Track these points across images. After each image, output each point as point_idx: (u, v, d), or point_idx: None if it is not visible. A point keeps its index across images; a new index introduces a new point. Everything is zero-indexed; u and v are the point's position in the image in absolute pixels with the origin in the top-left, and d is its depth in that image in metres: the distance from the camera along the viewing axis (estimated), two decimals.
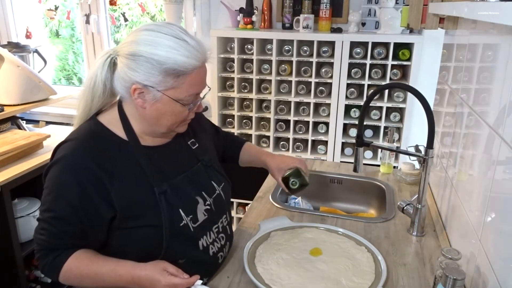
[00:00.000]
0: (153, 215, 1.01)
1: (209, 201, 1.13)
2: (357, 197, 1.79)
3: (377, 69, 2.37)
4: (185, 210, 1.06)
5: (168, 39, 0.96)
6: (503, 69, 0.92)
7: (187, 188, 1.09)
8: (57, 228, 0.98)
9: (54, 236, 0.99)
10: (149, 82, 0.96)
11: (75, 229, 0.99)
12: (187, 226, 1.05)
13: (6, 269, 1.96)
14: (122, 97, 1.05)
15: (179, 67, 0.95)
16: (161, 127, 1.04)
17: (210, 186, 1.16)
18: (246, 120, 2.66)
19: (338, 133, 2.51)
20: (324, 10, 2.43)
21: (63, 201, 0.97)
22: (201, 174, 1.15)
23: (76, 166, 0.97)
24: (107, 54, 1.02)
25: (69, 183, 0.97)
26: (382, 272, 1.13)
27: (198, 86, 1.02)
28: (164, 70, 0.95)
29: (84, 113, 1.07)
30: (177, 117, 1.03)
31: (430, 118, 1.25)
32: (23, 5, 3.20)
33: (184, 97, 1.00)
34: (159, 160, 1.07)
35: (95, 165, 0.97)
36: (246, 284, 1.12)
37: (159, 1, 3.05)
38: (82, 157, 0.98)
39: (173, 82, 0.97)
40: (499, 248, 0.86)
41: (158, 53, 0.94)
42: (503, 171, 0.87)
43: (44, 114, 3.20)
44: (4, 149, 1.94)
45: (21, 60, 2.42)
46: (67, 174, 0.97)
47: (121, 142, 1.03)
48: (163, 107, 1.00)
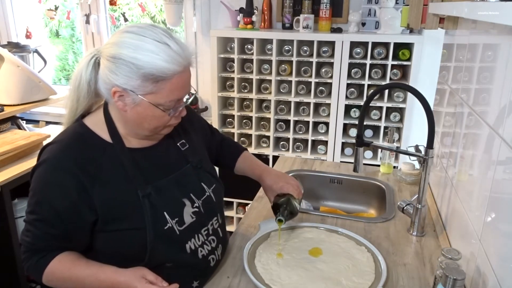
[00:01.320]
0: (137, 218, 0.99)
1: (198, 203, 1.10)
2: (357, 197, 1.79)
3: (377, 69, 2.37)
4: (170, 213, 1.03)
5: (150, 42, 0.93)
6: (503, 69, 0.92)
7: (174, 190, 1.07)
8: (41, 230, 0.98)
9: (38, 238, 0.98)
10: (128, 86, 0.94)
11: (58, 231, 0.98)
12: (172, 229, 1.03)
13: (6, 269, 1.96)
14: (106, 98, 1.03)
15: (158, 72, 0.93)
16: (143, 130, 1.03)
17: (199, 188, 1.13)
18: (246, 120, 2.66)
19: (338, 133, 2.51)
20: (324, 10, 2.43)
21: (46, 204, 0.97)
22: (189, 176, 1.12)
23: (58, 168, 0.97)
24: (91, 54, 1.00)
25: (52, 185, 0.97)
26: (382, 272, 1.13)
27: (179, 91, 0.98)
28: (142, 74, 0.93)
29: (71, 114, 1.06)
30: (159, 121, 1.01)
31: (430, 118, 1.25)
32: (23, 5, 3.20)
33: (164, 102, 0.97)
34: (144, 162, 1.05)
35: (78, 169, 0.96)
36: (246, 284, 1.12)
37: (159, 1, 3.05)
38: (65, 160, 0.97)
39: (152, 87, 0.94)
40: (499, 248, 0.86)
41: (138, 57, 0.92)
42: (503, 171, 0.87)
43: (44, 114, 3.20)
44: (4, 149, 1.94)
45: (21, 60, 2.42)
46: (50, 176, 0.97)
47: (106, 144, 1.02)
48: (143, 111, 0.98)
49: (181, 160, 1.13)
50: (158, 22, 3.28)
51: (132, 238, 1.00)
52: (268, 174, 1.33)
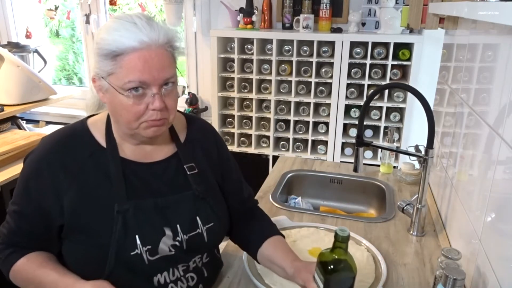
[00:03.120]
0: (104, 234, 0.90)
1: (181, 237, 0.96)
2: (357, 197, 1.79)
3: (377, 69, 2.37)
4: (142, 238, 0.92)
5: (116, 22, 0.87)
6: (503, 69, 0.92)
7: (157, 215, 0.95)
8: (16, 223, 0.96)
9: (12, 231, 0.96)
10: (97, 70, 0.89)
11: (29, 226, 0.95)
12: (140, 256, 0.91)
13: None
14: None
15: (113, 47, 0.85)
16: (120, 125, 0.93)
17: (191, 221, 0.98)
18: (246, 120, 2.66)
19: (338, 133, 2.51)
20: (324, 10, 2.43)
21: (24, 192, 0.95)
22: (184, 205, 0.98)
23: (41, 158, 0.94)
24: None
25: (32, 173, 0.94)
26: (382, 272, 1.13)
27: (140, 72, 0.85)
28: (101, 52, 0.86)
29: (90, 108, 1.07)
30: (129, 112, 0.88)
31: (430, 118, 1.25)
32: (23, 5, 3.20)
33: (123, 84, 0.86)
34: (133, 176, 0.96)
35: (59, 164, 0.93)
36: (246, 284, 1.12)
37: (159, 1, 3.05)
38: (50, 152, 0.95)
39: (111, 66, 0.86)
40: (499, 248, 0.86)
41: (100, 35, 0.87)
42: (503, 171, 0.87)
43: (44, 114, 3.20)
44: (4, 149, 1.94)
45: (21, 60, 2.42)
46: (32, 165, 0.95)
47: (97, 148, 0.95)
48: (112, 98, 0.89)
49: (183, 184, 1.00)
50: None
51: (92, 255, 0.92)
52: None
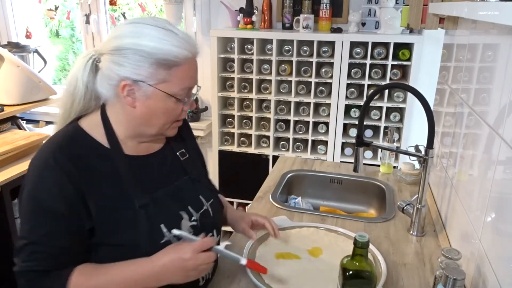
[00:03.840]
0: (130, 232, 0.92)
1: (196, 216, 1.02)
2: (357, 197, 1.79)
3: (377, 69, 2.37)
4: (167, 226, 0.95)
5: (155, 29, 0.89)
6: (503, 69, 0.92)
7: (171, 202, 1.00)
8: (48, 245, 0.88)
9: (46, 256, 0.88)
10: (139, 76, 0.89)
11: (63, 242, 0.89)
12: (169, 243, 0.94)
13: (6, 269, 1.96)
14: (107, 99, 0.96)
15: (171, 57, 0.88)
16: (152, 127, 0.96)
17: (198, 201, 1.06)
18: (246, 120, 2.66)
19: (338, 133, 2.51)
20: (324, 10, 2.43)
21: (46, 212, 0.88)
22: (188, 188, 1.05)
23: (52, 167, 0.88)
24: (88, 55, 0.95)
25: (47, 186, 0.88)
26: (382, 272, 1.13)
27: (191, 79, 0.94)
28: (155, 61, 0.88)
29: (64, 117, 0.99)
30: (170, 115, 0.95)
31: (430, 118, 1.25)
32: (23, 5, 3.20)
33: (178, 91, 0.92)
34: (142, 171, 0.98)
35: (73, 167, 0.89)
36: (246, 284, 1.12)
37: (159, 1, 3.05)
38: (59, 158, 0.89)
39: (165, 74, 0.90)
40: (499, 248, 0.86)
41: (147, 43, 0.88)
42: (503, 171, 0.87)
43: (44, 114, 3.20)
44: (4, 149, 1.94)
45: (21, 60, 2.42)
46: (44, 178, 0.88)
47: (101, 149, 0.95)
48: (155, 104, 0.92)
49: (180, 171, 1.06)
50: None
51: (125, 253, 0.91)
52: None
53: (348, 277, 0.92)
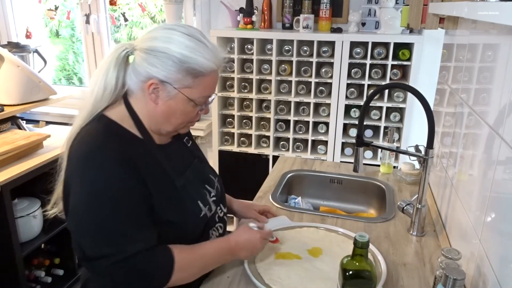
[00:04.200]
0: (178, 209, 1.04)
1: (213, 192, 1.18)
2: (357, 197, 1.79)
3: (377, 69, 2.37)
4: (203, 201, 1.11)
5: (190, 40, 0.98)
6: (503, 69, 0.92)
7: (197, 182, 1.14)
8: (136, 226, 0.95)
9: (141, 237, 0.95)
10: (167, 79, 0.97)
11: (146, 220, 0.97)
12: (205, 216, 1.10)
13: (6, 269, 1.96)
14: (131, 92, 1.04)
15: (199, 67, 0.98)
16: (169, 125, 1.05)
17: (210, 179, 1.21)
18: (246, 120, 2.66)
19: (338, 133, 2.51)
20: (324, 10, 2.43)
21: (123, 196, 0.94)
22: (199, 169, 1.20)
23: (110, 156, 0.94)
24: (122, 47, 1.01)
25: (114, 173, 0.94)
26: (382, 272, 1.13)
27: (211, 89, 1.04)
28: (184, 68, 0.97)
29: (93, 107, 1.03)
30: (186, 116, 1.04)
31: (430, 118, 1.25)
32: (23, 5, 3.20)
33: (198, 97, 1.02)
34: (169, 157, 1.09)
35: (125, 154, 0.96)
36: (246, 284, 1.12)
37: (159, 1, 3.05)
38: (112, 148, 0.96)
39: (191, 81, 0.99)
40: (499, 248, 0.86)
41: (181, 51, 0.96)
42: (503, 171, 0.87)
43: (44, 114, 3.20)
44: (4, 149, 1.94)
45: (21, 60, 2.42)
46: (107, 168, 0.94)
47: (136, 139, 1.03)
48: (175, 104, 1.01)
49: (190, 155, 1.20)
50: (158, 22, 3.28)
51: (173, 231, 1.03)
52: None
53: (348, 277, 0.92)
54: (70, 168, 0.98)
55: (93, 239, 0.94)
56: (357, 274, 0.92)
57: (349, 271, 0.92)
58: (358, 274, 0.92)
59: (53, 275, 2.30)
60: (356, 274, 0.92)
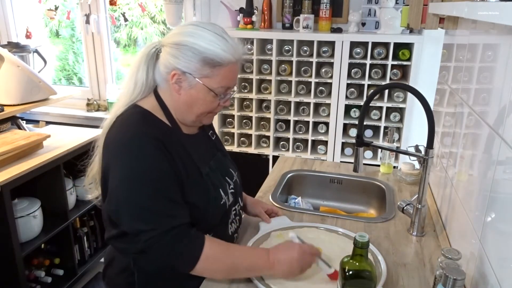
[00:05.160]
0: (202, 195, 1.11)
1: (232, 184, 1.24)
2: (357, 197, 1.79)
3: (377, 69, 2.37)
4: (223, 190, 1.18)
5: (210, 34, 1.06)
6: (503, 69, 0.92)
7: (218, 172, 1.21)
8: (172, 204, 1.03)
9: (175, 214, 1.03)
10: (188, 69, 1.05)
11: (180, 200, 1.05)
12: (225, 204, 1.17)
13: (6, 269, 1.96)
14: (160, 85, 1.13)
15: (217, 58, 1.05)
16: (192, 114, 1.12)
17: (230, 172, 1.28)
18: (246, 120, 2.66)
19: (338, 133, 2.51)
20: (324, 10, 2.43)
21: (161, 176, 1.02)
22: (221, 161, 1.27)
23: (149, 141, 1.03)
24: (153, 44, 1.11)
25: (151, 155, 1.02)
26: (382, 272, 1.13)
27: (230, 80, 1.10)
28: (203, 58, 1.04)
29: (126, 99, 1.12)
30: (207, 106, 1.11)
31: (430, 118, 1.25)
32: (23, 5, 3.20)
33: (217, 87, 1.08)
34: (196, 146, 1.17)
35: (161, 140, 1.04)
36: (246, 284, 1.12)
37: (159, 1, 3.04)
38: (150, 133, 1.04)
39: (209, 71, 1.06)
40: (499, 248, 0.86)
41: (200, 43, 1.04)
42: (503, 171, 0.87)
43: (44, 114, 3.20)
44: (4, 149, 1.94)
45: (21, 60, 2.42)
46: (147, 151, 1.02)
47: (166, 127, 1.11)
48: (196, 94, 1.08)
49: (213, 148, 1.28)
50: (158, 22, 3.28)
51: (195, 215, 1.08)
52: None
53: (348, 277, 0.92)
54: (108, 154, 1.07)
55: (132, 216, 1.02)
56: (357, 274, 0.92)
57: (349, 271, 0.92)
58: (358, 274, 0.92)
59: (53, 275, 2.30)
60: (356, 274, 0.92)
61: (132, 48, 3.37)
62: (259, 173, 2.30)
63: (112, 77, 3.22)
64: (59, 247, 2.36)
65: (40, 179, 2.08)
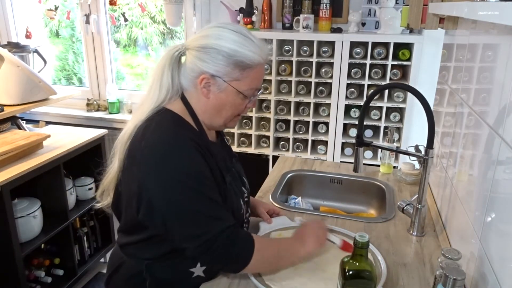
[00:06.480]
0: (227, 203, 1.09)
1: (246, 193, 1.25)
2: (357, 197, 1.79)
3: (377, 69, 2.37)
4: (242, 200, 1.18)
5: (237, 35, 1.04)
6: (503, 69, 0.92)
7: (237, 181, 1.21)
8: (212, 208, 1.01)
9: (223, 215, 1.03)
10: (217, 73, 1.04)
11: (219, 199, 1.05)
12: (243, 214, 1.18)
13: (6, 269, 1.96)
14: (187, 89, 1.10)
15: (247, 60, 1.03)
16: (220, 118, 1.10)
17: (244, 180, 1.27)
18: (246, 120, 2.66)
19: (338, 133, 2.51)
20: (324, 10, 2.43)
21: (204, 180, 1.01)
22: (238, 169, 1.26)
23: (187, 144, 1.01)
24: (175, 48, 1.08)
25: (192, 158, 1.01)
26: (382, 272, 1.13)
27: (258, 81, 1.10)
28: (233, 61, 1.03)
29: (152, 103, 1.08)
30: (236, 109, 1.10)
31: (430, 118, 1.25)
32: (23, 5, 3.20)
33: (246, 89, 1.07)
34: (219, 153, 1.15)
35: (195, 141, 1.03)
36: (246, 284, 1.12)
37: (159, 1, 3.04)
38: (186, 135, 1.03)
39: (239, 74, 1.04)
40: (499, 248, 0.86)
41: (229, 46, 1.02)
42: (503, 171, 0.87)
43: (44, 114, 3.20)
44: (4, 149, 1.94)
45: (21, 60, 2.42)
46: (186, 153, 1.00)
47: (196, 132, 1.09)
48: (225, 97, 1.07)
49: (231, 154, 1.27)
50: (158, 22, 3.28)
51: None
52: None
53: (348, 277, 0.92)
54: (141, 159, 1.01)
55: (181, 223, 1.00)
56: (357, 274, 0.92)
57: (349, 271, 0.92)
58: (358, 274, 0.92)
59: (53, 275, 2.30)
60: (356, 274, 0.92)
61: (132, 48, 3.37)
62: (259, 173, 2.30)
63: (112, 77, 3.22)
64: (59, 247, 2.36)
65: (40, 179, 2.08)
